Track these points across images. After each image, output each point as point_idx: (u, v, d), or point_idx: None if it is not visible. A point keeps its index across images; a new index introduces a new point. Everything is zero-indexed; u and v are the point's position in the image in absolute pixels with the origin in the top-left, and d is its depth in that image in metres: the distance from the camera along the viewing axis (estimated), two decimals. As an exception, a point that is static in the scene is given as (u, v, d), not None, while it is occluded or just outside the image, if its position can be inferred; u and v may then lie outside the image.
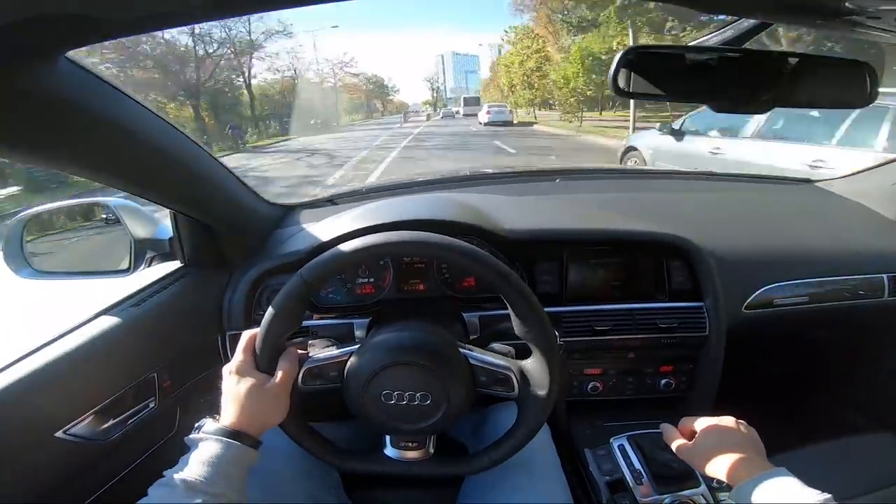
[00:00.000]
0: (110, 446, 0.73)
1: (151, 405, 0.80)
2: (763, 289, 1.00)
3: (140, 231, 0.82)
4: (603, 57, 16.72)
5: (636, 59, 0.55)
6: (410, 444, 0.67)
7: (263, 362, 0.61)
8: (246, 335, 0.63)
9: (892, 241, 1.09)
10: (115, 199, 0.81)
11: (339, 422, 0.87)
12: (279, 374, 0.60)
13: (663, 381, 1.01)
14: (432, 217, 0.91)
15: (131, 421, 0.77)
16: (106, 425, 0.73)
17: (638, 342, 0.97)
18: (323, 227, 0.97)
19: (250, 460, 0.57)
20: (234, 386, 0.59)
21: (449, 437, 0.89)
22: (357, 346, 0.65)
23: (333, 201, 1.23)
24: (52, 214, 0.83)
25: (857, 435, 0.99)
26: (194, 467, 0.52)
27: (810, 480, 0.52)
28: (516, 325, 0.62)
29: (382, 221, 0.89)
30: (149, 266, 0.86)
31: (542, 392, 0.63)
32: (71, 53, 0.45)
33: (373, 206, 1.02)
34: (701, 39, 0.57)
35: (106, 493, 0.77)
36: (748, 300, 1.00)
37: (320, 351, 0.66)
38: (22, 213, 0.81)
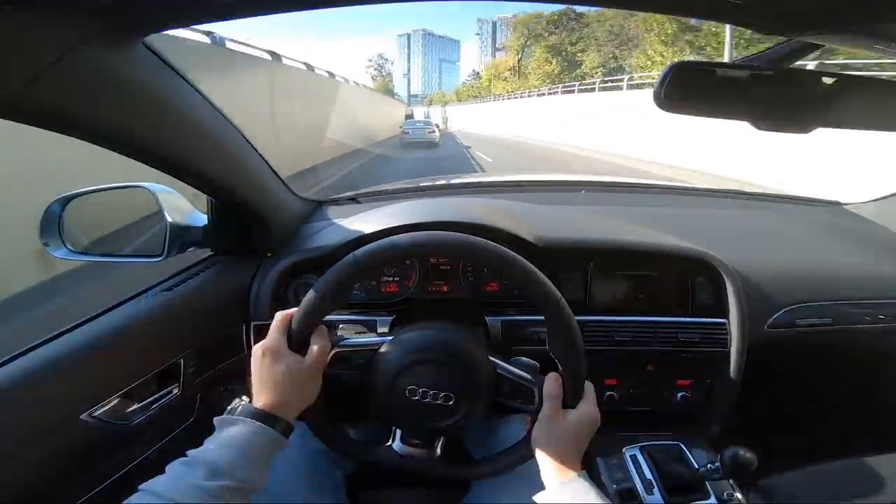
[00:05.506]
0: (131, 431, 0.73)
1: (175, 391, 0.81)
2: (786, 309, 1.00)
3: (176, 218, 0.83)
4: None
5: (681, 75, 0.54)
6: (418, 443, 0.68)
7: (298, 341, 0.60)
8: (280, 315, 0.61)
9: None
10: (155, 185, 0.82)
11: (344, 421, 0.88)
12: (314, 350, 0.59)
13: (680, 395, 1.01)
14: (475, 221, 0.91)
15: (154, 406, 0.77)
16: (130, 409, 0.73)
17: (657, 354, 0.97)
18: (354, 225, 0.98)
19: (279, 447, 0.55)
20: (268, 367, 0.57)
21: (458, 442, 0.90)
22: (389, 338, 0.65)
23: (357, 200, 1.24)
24: (93, 196, 0.84)
25: (865, 455, 0.99)
26: (222, 449, 0.50)
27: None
28: (551, 343, 0.63)
29: (423, 220, 0.90)
30: (179, 253, 0.87)
31: None
32: (148, 39, 0.47)
33: (409, 205, 1.03)
34: (749, 56, 0.58)
35: (121, 478, 0.77)
36: (771, 319, 1.00)
37: (354, 335, 0.66)
38: (63, 194, 0.83)
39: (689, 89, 0.55)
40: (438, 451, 0.69)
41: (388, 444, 0.70)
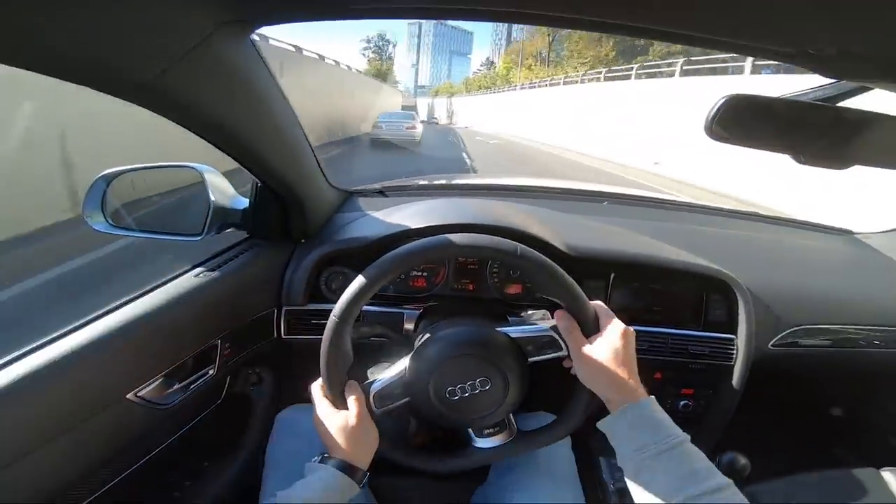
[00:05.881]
0: (168, 412, 0.74)
1: (210, 372, 0.82)
2: (791, 329, 1.05)
3: (219, 198, 0.85)
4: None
5: (734, 106, 0.57)
6: (493, 430, 0.70)
7: (336, 401, 0.66)
8: (313, 387, 0.69)
9: None
10: (203, 166, 0.83)
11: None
12: (351, 405, 0.66)
13: (682, 402, 1.07)
14: (501, 224, 0.94)
15: (192, 387, 0.79)
16: (170, 390, 0.75)
17: (667, 364, 1.02)
18: (388, 218, 1.00)
19: (353, 492, 0.63)
20: (327, 431, 0.65)
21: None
22: (406, 361, 0.68)
23: (384, 193, 1.26)
24: (139, 174, 0.85)
25: (846, 469, 1.04)
26: (305, 492, 0.60)
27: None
28: (540, 289, 0.67)
29: (452, 222, 0.93)
30: (217, 233, 0.88)
31: None
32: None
33: (431, 205, 1.05)
34: (798, 92, 0.60)
35: (154, 457, 0.78)
36: (776, 339, 1.05)
37: (380, 374, 0.70)
38: (108, 170, 0.84)
39: (740, 121, 0.57)
40: (516, 426, 0.71)
41: (471, 443, 0.72)
